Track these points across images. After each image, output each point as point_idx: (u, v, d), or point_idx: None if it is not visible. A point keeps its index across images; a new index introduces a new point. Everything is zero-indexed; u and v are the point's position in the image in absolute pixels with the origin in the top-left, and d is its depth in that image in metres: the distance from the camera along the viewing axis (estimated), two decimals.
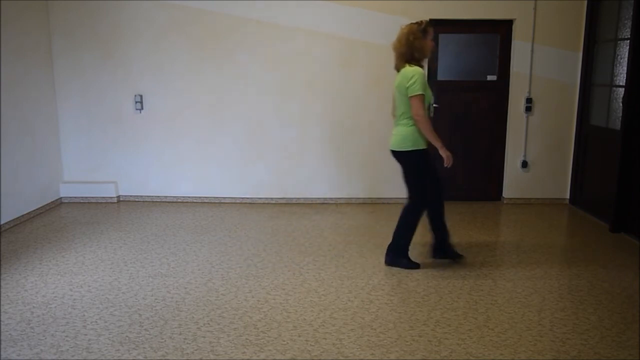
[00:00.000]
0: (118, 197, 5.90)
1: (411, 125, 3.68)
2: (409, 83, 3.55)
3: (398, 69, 3.73)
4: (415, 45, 3.59)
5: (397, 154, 3.77)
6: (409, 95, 3.57)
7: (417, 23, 3.65)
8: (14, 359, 2.72)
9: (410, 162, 3.74)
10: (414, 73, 3.55)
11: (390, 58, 5.56)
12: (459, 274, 3.83)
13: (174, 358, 2.73)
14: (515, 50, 5.57)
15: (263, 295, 3.47)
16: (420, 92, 3.54)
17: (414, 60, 3.63)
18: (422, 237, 4.28)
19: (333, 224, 5.05)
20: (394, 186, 5.81)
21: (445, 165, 3.75)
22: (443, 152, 3.72)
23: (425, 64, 3.88)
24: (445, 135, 5.78)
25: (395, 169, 5.76)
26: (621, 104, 4.78)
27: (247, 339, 2.92)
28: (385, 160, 5.76)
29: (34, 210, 5.32)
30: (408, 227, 3.86)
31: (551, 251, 4.34)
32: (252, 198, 5.87)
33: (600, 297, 3.46)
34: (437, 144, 3.68)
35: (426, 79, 3.67)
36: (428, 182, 3.79)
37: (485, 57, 5.71)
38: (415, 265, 3.91)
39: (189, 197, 5.89)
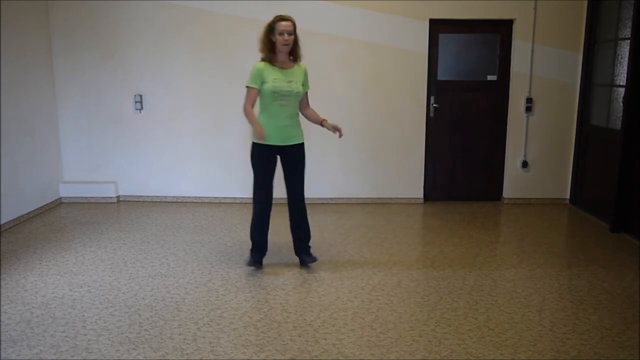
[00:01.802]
0: (118, 197, 5.90)
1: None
2: None
3: None
4: (262, 40, 3.66)
5: None
6: None
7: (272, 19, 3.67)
8: (14, 359, 2.72)
9: (250, 153, 3.77)
10: (252, 67, 3.66)
11: (390, 58, 5.62)
12: (459, 274, 3.83)
13: (174, 358, 2.73)
14: (515, 50, 5.57)
15: (263, 295, 3.47)
16: (247, 85, 3.65)
17: (266, 56, 3.66)
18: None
19: (333, 224, 5.05)
20: (394, 186, 5.82)
21: (257, 139, 3.63)
22: (256, 128, 3.58)
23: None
24: (445, 135, 5.80)
25: (395, 169, 5.79)
26: (621, 104, 4.78)
27: (247, 339, 2.92)
28: (385, 161, 5.77)
29: (34, 210, 5.32)
30: (251, 222, 3.89)
31: (551, 251, 4.34)
32: (252, 198, 5.85)
33: (600, 297, 3.46)
34: (252, 124, 3.61)
35: (261, 72, 3.62)
36: (261, 177, 3.74)
37: (485, 57, 5.71)
38: (251, 262, 3.90)
39: (189, 197, 5.89)
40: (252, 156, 3.73)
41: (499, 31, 5.61)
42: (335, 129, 3.80)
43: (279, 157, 3.77)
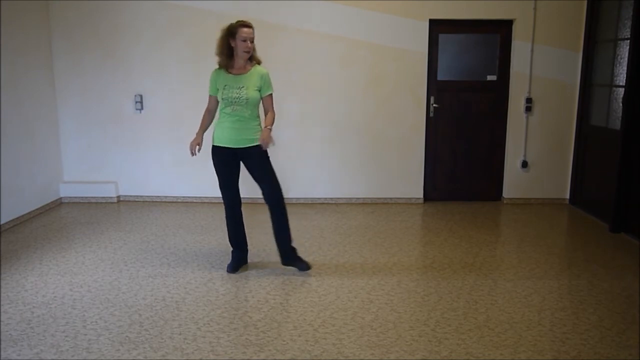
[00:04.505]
0: (118, 197, 5.90)
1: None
2: None
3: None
4: (219, 44, 3.67)
5: None
6: None
7: (233, 23, 3.67)
8: (14, 359, 2.72)
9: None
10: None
11: (390, 58, 5.62)
12: (459, 274, 3.83)
13: (174, 358, 2.73)
14: (515, 50, 5.57)
15: (263, 295, 3.47)
16: (209, 92, 3.79)
17: (221, 61, 3.69)
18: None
19: (333, 224, 5.05)
20: (394, 186, 5.82)
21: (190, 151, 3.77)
22: (193, 141, 3.78)
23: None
24: (445, 135, 5.80)
25: (395, 169, 5.79)
26: (621, 104, 4.78)
27: (247, 339, 2.92)
28: (385, 161, 5.78)
29: (34, 210, 5.32)
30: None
31: (551, 251, 4.34)
32: (252, 198, 5.83)
33: (600, 297, 3.46)
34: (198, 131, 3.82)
35: (214, 79, 3.74)
36: (221, 178, 3.79)
37: (485, 57, 5.71)
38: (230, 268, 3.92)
39: (189, 197, 5.89)
40: (212, 158, 3.80)
41: (499, 31, 5.61)
42: (263, 139, 3.66)
43: (241, 161, 3.80)
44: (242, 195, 3.91)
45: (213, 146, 3.76)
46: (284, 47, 5.55)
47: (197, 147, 3.76)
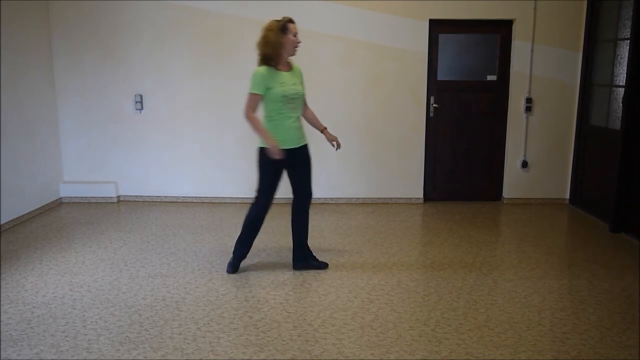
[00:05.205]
0: (118, 197, 5.90)
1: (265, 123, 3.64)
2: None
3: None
4: (272, 40, 3.50)
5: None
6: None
7: (276, 20, 3.59)
8: (14, 359, 2.72)
9: (257, 157, 3.66)
10: (254, 73, 3.52)
11: (390, 58, 5.62)
12: (459, 274, 3.83)
13: (174, 358, 2.73)
14: (515, 50, 5.57)
15: (263, 295, 3.47)
16: (251, 91, 3.51)
17: (271, 59, 3.52)
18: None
19: (333, 224, 5.05)
20: (394, 186, 5.82)
21: (273, 156, 3.50)
22: (270, 143, 3.48)
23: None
24: (445, 135, 5.80)
25: (395, 169, 5.79)
26: (621, 104, 4.78)
27: (247, 339, 2.92)
28: (385, 161, 5.78)
29: (34, 210, 5.32)
30: (247, 224, 3.78)
31: (551, 251, 4.34)
32: (252, 198, 5.85)
33: (600, 297, 3.46)
34: (264, 138, 3.52)
35: (265, 77, 3.50)
36: (269, 183, 3.65)
37: (485, 57, 5.71)
38: (229, 268, 3.87)
39: (189, 197, 5.90)
40: (263, 161, 3.60)
41: (499, 31, 5.61)
42: (334, 140, 3.77)
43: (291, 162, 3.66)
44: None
45: (262, 148, 3.57)
46: None
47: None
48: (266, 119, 3.61)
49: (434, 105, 5.73)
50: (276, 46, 3.50)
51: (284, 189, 6.04)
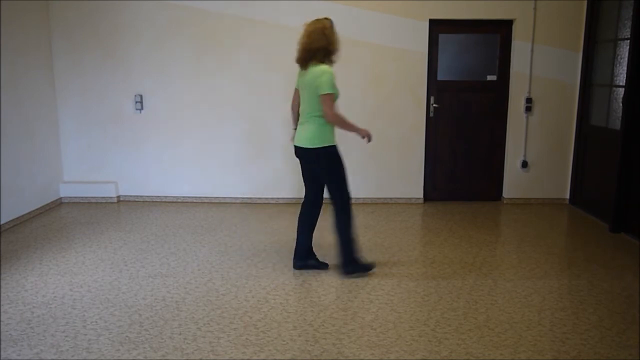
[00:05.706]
0: (118, 197, 5.90)
1: (321, 124, 3.62)
2: (320, 82, 3.50)
3: (305, 66, 3.64)
4: (332, 39, 3.60)
5: (304, 151, 3.69)
6: (320, 94, 3.52)
7: (326, 18, 3.66)
8: (14, 359, 2.72)
9: (320, 158, 3.66)
10: (324, 72, 3.51)
11: (390, 58, 5.62)
12: (459, 274, 3.83)
13: (174, 358, 2.73)
14: (515, 50, 5.57)
15: (263, 295, 3.47)
16: (331, 92, 3.51)
17: (327, 57, 3.58)
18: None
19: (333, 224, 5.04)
20: (394, 186, 5.82)
21: (368, 142, 3.83)
22: (362, 132, 3.71)
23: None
24: (445, 135, 5.80)
25: (395, 169, 5.79)
26: (621, 104, 4.78)
27: (247, 339, 2.92)
28: (385, 161, 5.78)
29: (34, 210, 5.32)
30: (346, 228, 3.76)
31: (551, 251, 4.34)
32: (252, 198, 5.87)
33: (600, 297, 3.46)
34: (355, 130, 3.70)
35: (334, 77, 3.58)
36: (346, 175, 3.75)
37: (485, 57, 5.71)
38: (369, 267, 3.84)
39: (189, 197, 5.89)
40: (337, 159, 3.70)
41: (499, 31, 5.61)
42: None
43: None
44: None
45: (333, 146, 3.69)
46: (284, 47, 5.54)
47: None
48: (319, 118, 3.61)
49: (434, 105, 5.73)
50: (338, 43, 3.62)
51: (288, 189, 6.03)
